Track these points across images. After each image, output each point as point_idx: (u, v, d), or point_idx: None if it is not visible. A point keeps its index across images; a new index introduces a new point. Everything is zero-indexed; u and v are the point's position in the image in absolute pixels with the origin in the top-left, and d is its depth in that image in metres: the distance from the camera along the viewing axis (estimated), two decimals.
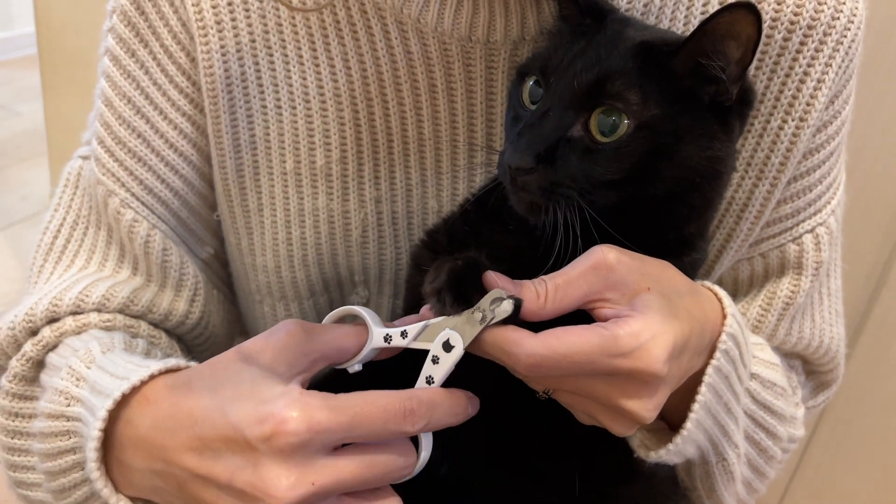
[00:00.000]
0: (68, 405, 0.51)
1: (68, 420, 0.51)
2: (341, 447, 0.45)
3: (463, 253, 0.50)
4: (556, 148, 0.48)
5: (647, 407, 0.46)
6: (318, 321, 0.60)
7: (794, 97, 0.60)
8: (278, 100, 0.64)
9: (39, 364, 0.58)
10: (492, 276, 0.46)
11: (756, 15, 0.45)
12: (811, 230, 0.64)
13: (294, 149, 0.65)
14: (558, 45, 0.53)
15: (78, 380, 0.53)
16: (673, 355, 0.44)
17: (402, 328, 0.48)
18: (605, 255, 0.46)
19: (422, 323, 0.47)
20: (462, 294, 0.46)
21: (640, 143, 0.47)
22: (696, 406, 0.49)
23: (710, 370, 0.49)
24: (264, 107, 0.64)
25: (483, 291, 0.46)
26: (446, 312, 0.46)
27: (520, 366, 0.44)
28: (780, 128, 0.61)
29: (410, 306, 0.57)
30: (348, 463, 0.43)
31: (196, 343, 0.70)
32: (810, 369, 0.71)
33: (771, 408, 0.59)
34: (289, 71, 0.63)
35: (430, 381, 0.47)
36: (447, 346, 0.47)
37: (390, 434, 0.44)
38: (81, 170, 0.68)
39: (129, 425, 0.47)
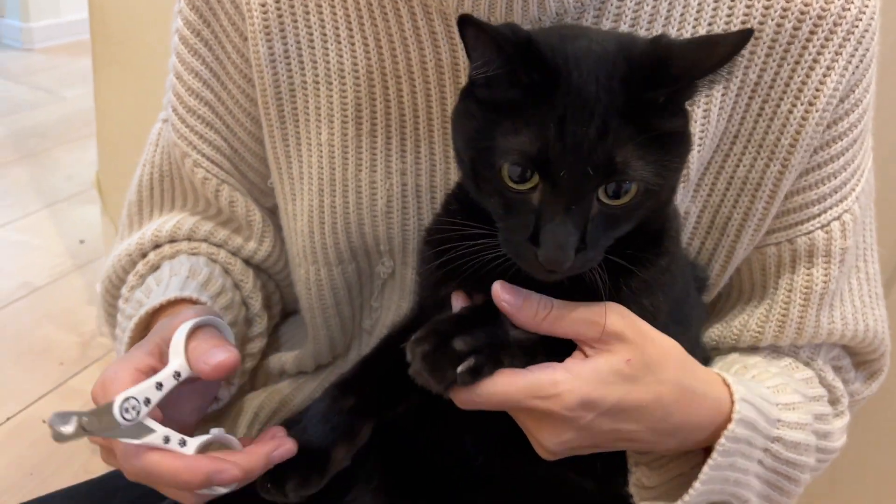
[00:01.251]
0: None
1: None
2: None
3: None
4: (587, 234, 0.49)
5: (553, 441, 0.53)
6: (346, 289, 0.74)
7: (804, 83, 0.62)
8: (316, 76, 0.69)
9: (145, 277, 0.74)
10: (495, 287, 0.51)
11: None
12: (838, 217, 0.65)
13: (329, 121, 0.69)
14: (529, 117, 0.49)
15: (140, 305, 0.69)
16: (587, 409, 0.51)
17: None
18: (613, 321, 0.52)
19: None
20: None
21: (646, 196, 0.50)
22: (696, 483, 0.56)
23: (715, 455, 0.55)
24: (304, 82, 0.69)
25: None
26: None
27: (461, 403, 0.51)
28: (790, 111, 0.63)
29: (422, 295, 0.62)
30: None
31: (275, 272, 0.79)
32: (860, 360, 0.72)
33: (795, 463, 0.61)
34: (326, 49, 0.67)
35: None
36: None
37: None
38: (161, 131, 0.77)
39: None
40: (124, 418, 0.49)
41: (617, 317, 0.52)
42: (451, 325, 0.50)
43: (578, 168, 0.48)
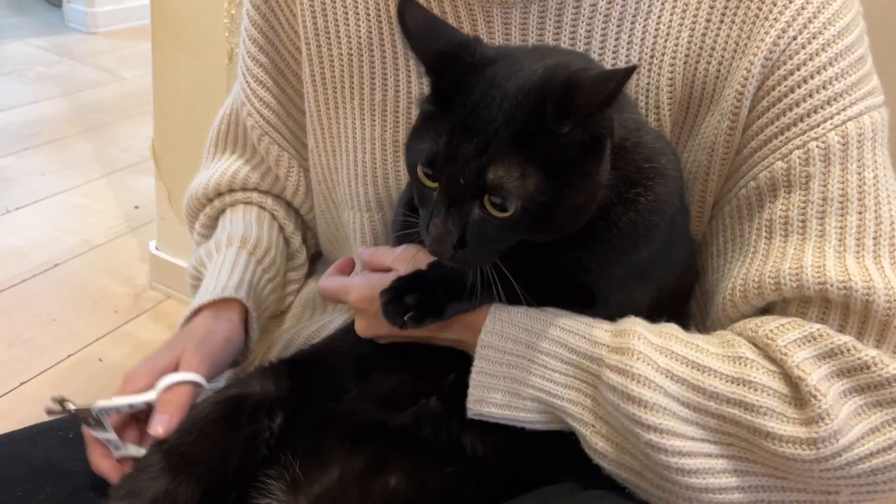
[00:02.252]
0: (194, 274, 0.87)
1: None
2: None
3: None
4: (465, 233, 0.55)
5: (358, 325, 0.71)
6: (382, 232, 0.83)
7: (749, 37, 0.65)
8: (350, 48, 0.77)
9: (215, 221, 0.90)
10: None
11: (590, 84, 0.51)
12: (801, 146, 0.62)
13: (360, 87, 0.78)
14: (435, 127, 0.56)
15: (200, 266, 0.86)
16: (367, 302, 0.68)
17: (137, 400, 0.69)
18: (407, 250, 0.68)
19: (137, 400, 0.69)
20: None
21: (529, 213, 0.54)
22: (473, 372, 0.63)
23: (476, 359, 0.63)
24: (340, 54, 0.78)
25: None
26: None
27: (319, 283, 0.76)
28: (737, 67, 0.65)
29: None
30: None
31: (304, 211, 0.93)
32: (870, 325, 0.58)
33: (632, 397, 0.58)
34: (358, 25, 0.76)
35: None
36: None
37: None
38: (239, 91, 0.89)
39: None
40: (90, 422, 0.67)
41: (411, 247, 0.68)
42: (406, 284, 0.62)
43: (454, 177, 0.54)
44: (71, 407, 0.67)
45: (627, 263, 0.63)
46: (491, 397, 0.62)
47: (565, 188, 0.54)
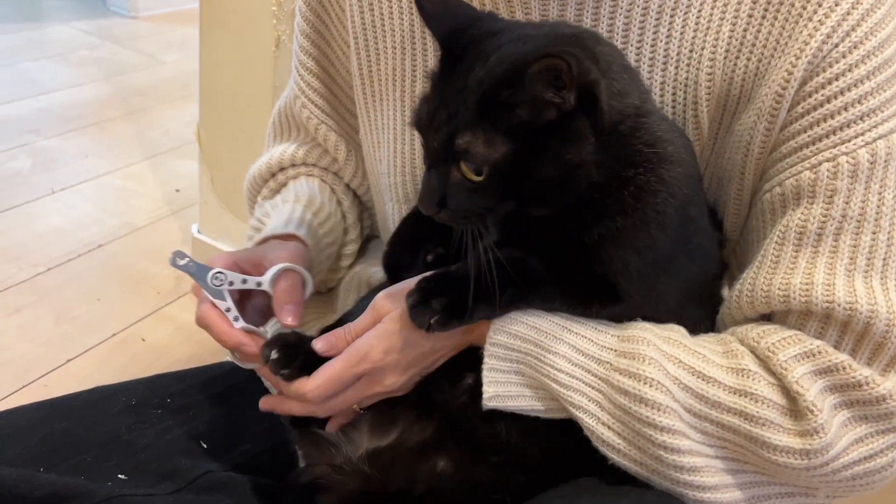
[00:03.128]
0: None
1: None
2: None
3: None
4: (447, 195, 0.59)
5: (387, 384, 0.66)
6: None
7: (790, 36, 0.64)
8: (394, 42, 0.79)
9: (276, 193, 0.90)
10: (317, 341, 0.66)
11: (559, 59, 0.52)
12: (831, 159, 0.62)
13: (402, 80, 0.80)
14: (431, 95, 0.61)
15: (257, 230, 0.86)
16: (390, 352, 0.64)
17: (245, 278, 0.71)
18: (382, 305, 0.66)
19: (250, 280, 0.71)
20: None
21: (500, 178, 0.57)
22: (483, 367, 0.64)
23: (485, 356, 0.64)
24: (385, 48, 0.80)
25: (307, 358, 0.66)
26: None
27: (312, 402, 0.66)
28: (778, 66, 0.64)
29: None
30: (201, 303, 0.70)
31: (360, 193, 0.94)
32: (866, 343, 0.61)
33: (639, 397, 0.60)
34: (402, 19, 0.78)
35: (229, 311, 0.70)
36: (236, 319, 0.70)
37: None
38: (293, 85, 0.91)
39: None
40: (212, 283, 0.69)
41: (381, 301, 0.66)
42: (434, 285, 0.62)
43: (431, 140, 0.59)
44: (189, 264, 0.69)
45: (640, 251, 0.62)
46: (503, 392, 0.64)
47: (535, 161, 0.56)
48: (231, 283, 0.69)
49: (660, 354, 0.62)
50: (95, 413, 0.78)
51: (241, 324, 0.69)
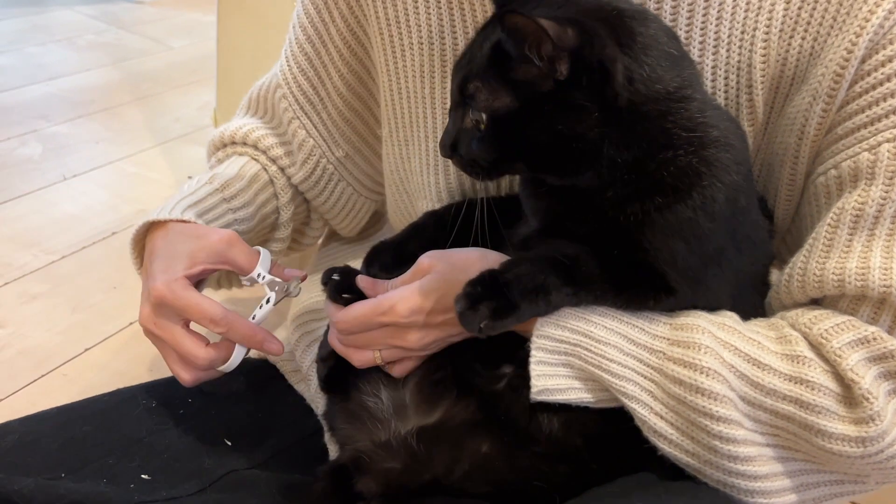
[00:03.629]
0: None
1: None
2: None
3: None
4: (458, 139, 0.62)
5: (408, 341, 0.68)
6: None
7: (848, 14, 0.62)
8: (420, 37, 0.78)
9: (222, 162, 0.89)
10: (360, 278, 0.71)
11: (526, 19, 0.53)
12: (892, 139, 0.60)
13: (430, 76, 0.79)
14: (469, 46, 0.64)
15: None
16: (417, 312, 0.65)
17: (265, 274, 0.74)
18: (423, 262, 0.68)
19: (271, 277, 0.73)
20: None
21: (500, 131, 0.59)
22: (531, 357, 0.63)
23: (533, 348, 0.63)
24: (411, 43, 0.79)
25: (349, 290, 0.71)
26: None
27: (338, 330, 0.70)
28: (836, 45, 0.62)
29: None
30: (169, 332, 0.69)
31: (311, 196, 0.93)
32: None
33: (692, 386, 0.59)
34: (429, 13, 0.76)
35: (253, 317, 0.72)
36: (267, 301, 0.73)
37: (203, 326, 0.69)
38: (278, 73, 0.90)
39: (151, 233, 0.77)
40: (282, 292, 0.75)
41: (425, 258, 0.68)
42: (481, 290, 0.61)
43: (454, 82, 0.62)
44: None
45: (688, 240, 0.61)
46: (552, 385, 0.63)
47: (531, 123, 0.58)
48: (258, 276, 0.75)
49: (715, 342, 0.60)
50: (116, 416, 0.78)
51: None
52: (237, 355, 0.71)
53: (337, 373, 0.77)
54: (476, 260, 0.67)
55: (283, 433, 0.86)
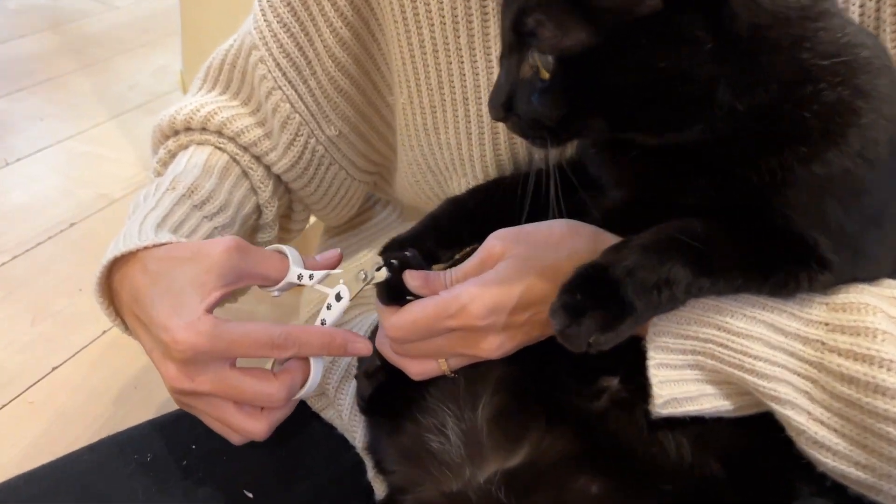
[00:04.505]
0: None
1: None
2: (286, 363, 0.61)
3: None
4: (515, 94, 0.52)
5: (483, 348, 0.57)
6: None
7: None
8: (440, 3, 0.67)
9: (175, 155, 0.76)
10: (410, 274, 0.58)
11: None
12: None
13: (467, 23, 0.67)
14: None
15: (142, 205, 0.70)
16: (496, 311, 0.55)
17: (311, 272, 0.61)
18: (493, 247, 0.57)
19: (325, 272, 0.62)
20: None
21: (570, 77, 0.49)
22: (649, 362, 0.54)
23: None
24: (428, 11, 0.68)
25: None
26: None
27: (391, 338, 0.59)
28: None
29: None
30: (219, 383, 0.56)
31: (297, 187, 0.81)
32: None
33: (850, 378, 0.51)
34: None
35: (323, 322, 0.60)
36: (338, 297, 0.60)
37: (263, 356, 0.58)
38: (252, 31, 0.76)
39: (120, 272, 0.62)
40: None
41: (495, 242, 0.57)
42: (581, 296, 0.51)
43: (507, 19, 0.51)
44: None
45: (841, 195, 0.51)
46: (680, 394, 0.54)
47: (619, 60, 0.48)
48: (300, 278, 0.64)
49: (891, 324, 0.50)
50: (102, 482, 0.67)
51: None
52: (316, 371, 0.60)
53: (385, 391, 0.67)
54: (565, 236, 0.58)
55: (314, 475, 0.75)
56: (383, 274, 0.59)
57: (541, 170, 0.67)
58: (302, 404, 0.79)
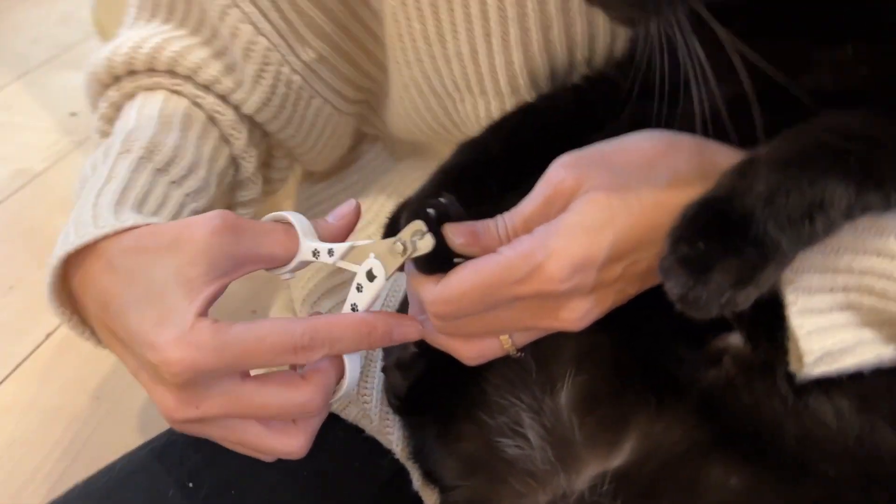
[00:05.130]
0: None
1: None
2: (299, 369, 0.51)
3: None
4: None
5: (563, 318, 0.47)
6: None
7: None
8: None
9: (120, 108, 0.66)
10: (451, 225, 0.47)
11: None
12: None
13: None
14: None
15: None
16: (584, 267, 0.44)
17: (330, 246, 0.50)
18: (561, 179, 0.46)
19: (348, 244, 0.50)
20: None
21: None
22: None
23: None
24: None
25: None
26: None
27: (430, 316, 0.48)
28: None
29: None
30: (233, 403, 0.47)
31: (273, 129, 0.70)
32: None
33: None
34: None
35: (354, 308, 0.50)
36: (370, 276, 0.49)
37: (284, 363, 0.49)
38: None
39: (79, 272, 0.50)
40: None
41: (561, 170, 0.46)
42: (705, 249, 0.41)
43: None
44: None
45: None
46: (834, 345, 0.44)
47: None
48: (316, 254, 0.52)
49: None
50: None
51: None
52: (353, 367, 0.51)
53: (426, 384, 0.58)
54: (659, 153, 0.47)
55: (346, 492, 0.65)
56: (428, 244, 0.46)
57: (598, 75, 0.59)
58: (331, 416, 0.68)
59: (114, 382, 1.05)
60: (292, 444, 0.50)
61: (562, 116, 0.58)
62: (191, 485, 0.62)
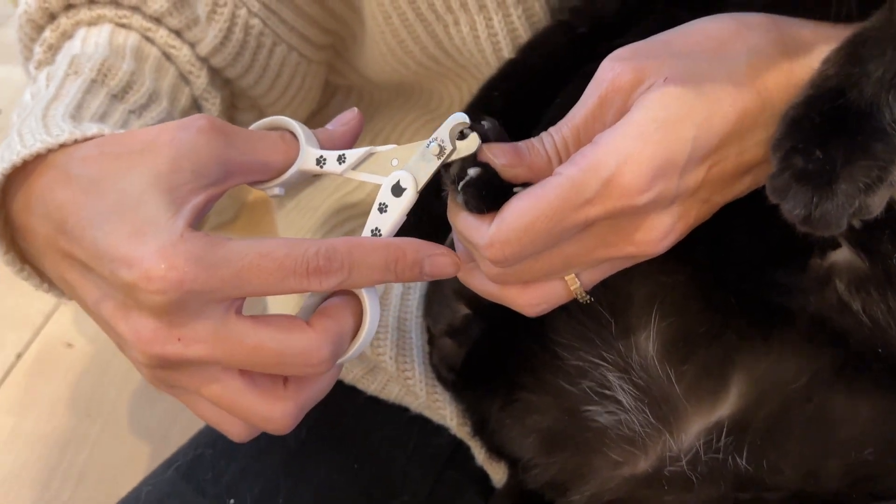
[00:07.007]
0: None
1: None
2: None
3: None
4: None
5: (645, 241, 0.42)
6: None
7: None
8: None
9: (58, 50, 0.59)
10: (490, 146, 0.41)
11: None
12: None
13: None
14: None
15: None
16: (662, 174, 0.39)
17: (340, 151, 0.44)
18: (617, 75, 0.40)
19: (365, 149, 0.44)
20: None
21: None
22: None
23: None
24: None
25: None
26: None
27: (485, 262, 0.42)
28: None
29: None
30: (231, 333, 0.39)
31: (233, 75, 0.63)
32: None
33: None
34: None
35: (376, 233, 0.42)
36: (397, 190, 0.42)
37: (291, 292, 0.41)
38: None
39: (22, 190, 0.43)
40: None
41: (615, 66, 0.40)
42: (823, 155, 0.37)
43: None
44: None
45: None
46: None
47: None
48: (321, 162, 0.45)
49: None
50: None
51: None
52: (373, 311, 0.42)
53: (484, 351, 0.53)
54: (730, 34, 0.42)
55: (404, 479, 0.61)
56: (473, 143, 0.39)
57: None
58: (349, 390, 0.62)
59: (104, 397, 0.98)
60: (277, 409, 0.42)
61: (608, 27, 0.51)
62: (232, 501, 0.56)
